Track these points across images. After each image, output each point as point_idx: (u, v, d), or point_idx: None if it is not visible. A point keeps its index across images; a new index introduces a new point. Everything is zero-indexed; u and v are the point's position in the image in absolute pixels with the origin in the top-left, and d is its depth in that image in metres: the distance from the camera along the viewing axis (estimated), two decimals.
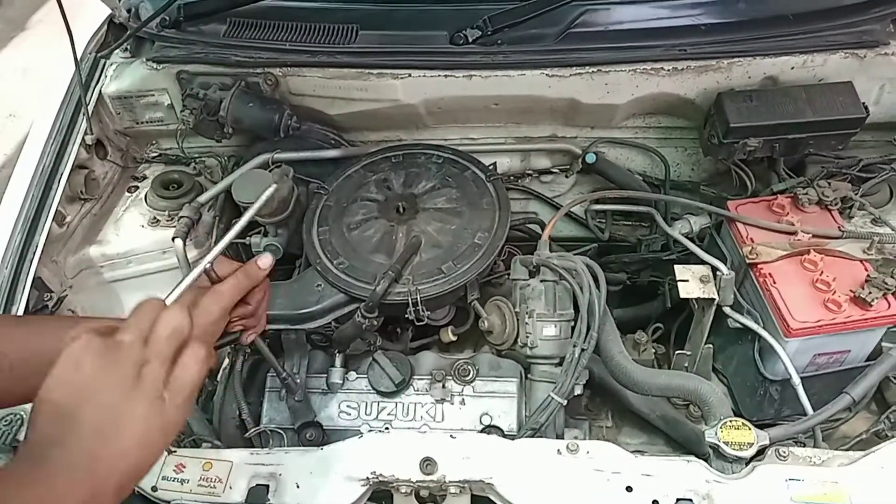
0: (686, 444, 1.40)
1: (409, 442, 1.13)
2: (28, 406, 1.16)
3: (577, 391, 1.25)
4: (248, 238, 1.54)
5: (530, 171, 1.68)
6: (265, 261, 0.99)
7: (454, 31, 1.52)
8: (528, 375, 1.32)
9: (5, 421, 1.25)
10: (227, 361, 1.41)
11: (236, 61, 1.55)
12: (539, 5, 1.48)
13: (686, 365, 1.43)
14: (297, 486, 1.11)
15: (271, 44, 1.56)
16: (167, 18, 1.60)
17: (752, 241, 1.33)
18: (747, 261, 1.31)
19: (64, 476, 0.67)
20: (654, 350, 1.55)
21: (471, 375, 1.30)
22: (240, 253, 1.66)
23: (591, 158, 1.59)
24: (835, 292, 1.23)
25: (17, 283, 1.36)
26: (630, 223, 1.70)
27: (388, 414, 1.30)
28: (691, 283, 1.32)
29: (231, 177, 1.54)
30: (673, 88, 1.49)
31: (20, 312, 1.33)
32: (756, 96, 1.44)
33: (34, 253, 1.40)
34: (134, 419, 0.70)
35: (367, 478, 1.10)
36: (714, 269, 1.32)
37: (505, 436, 1.21)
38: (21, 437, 1.24)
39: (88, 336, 0.71)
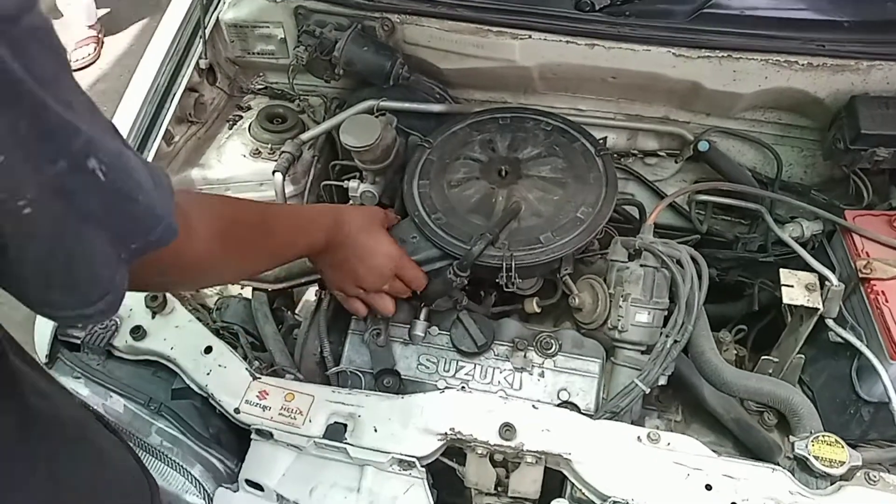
0: (756, 451, 1.36)
1: (490, 405, 1.14)
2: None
3: (662, 381, 1.23)
4: (344, 182, 1.55)
5: (635, 151, 1.63)
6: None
7: None
8: (611, 358, 1.31)
9: (102, 326, 1.31)
10: (313, 298, 1.43)
11: (356, 3, 1.54)
12: None
13: (770, 371, 1.39)
14: (375, 430, 1.13)
15: None
16: None
17: (868, 256, 1.27)
18: (860, 275, 1.25)
19: None
20: (735, 351, 1.52)
21: (553, 349, 1.29)
22: (333, 195, 1.68)
23: (703, 146, 1.53)
24: None
25: None
26: (729, 219, 1.64)
27: (466, 374, 1.30)
28: (796, 289, 1.26)
29: (335, 118, 1.54)
30: (804, 85, 1.41)
31: None
32: (893, 104, 1.36)
33: None
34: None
35: (446, 433, 1.11)
36: (822, 279, 1.26)
37: (582, 414, 1.20)
38: (115, 342, 1.30)
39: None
